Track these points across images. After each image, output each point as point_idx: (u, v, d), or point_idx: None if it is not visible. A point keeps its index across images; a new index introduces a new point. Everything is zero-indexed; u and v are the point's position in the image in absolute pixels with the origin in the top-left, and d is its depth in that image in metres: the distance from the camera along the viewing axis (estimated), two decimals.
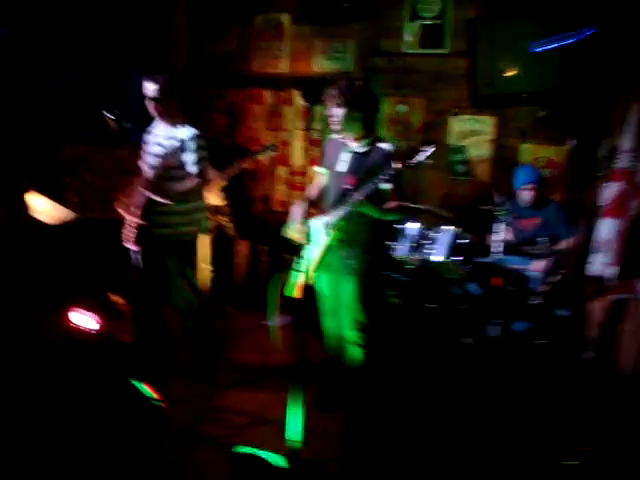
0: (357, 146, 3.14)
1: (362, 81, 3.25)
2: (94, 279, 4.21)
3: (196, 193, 3.50)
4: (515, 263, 4.13)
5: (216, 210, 4.70)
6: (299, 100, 5.50)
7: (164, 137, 3.46)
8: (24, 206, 3.58)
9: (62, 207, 3.67)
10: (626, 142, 3.28)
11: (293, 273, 3.13)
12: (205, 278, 4.90)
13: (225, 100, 5.78)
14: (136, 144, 4.99)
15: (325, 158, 3.36)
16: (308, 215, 3.28)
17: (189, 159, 3.38)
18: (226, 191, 4.72)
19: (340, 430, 3.11)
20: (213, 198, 4.56)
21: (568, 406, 3.23)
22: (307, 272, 3.12)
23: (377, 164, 3.00)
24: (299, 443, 2.50)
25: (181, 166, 3.39)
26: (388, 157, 3.00)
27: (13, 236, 3.83)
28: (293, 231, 3.27)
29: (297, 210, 3.30)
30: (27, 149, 4.69)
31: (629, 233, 3.24)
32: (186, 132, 3.39)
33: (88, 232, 3.71)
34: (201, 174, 3.40)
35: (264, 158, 4.66)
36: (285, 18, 5.62)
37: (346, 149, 3.17)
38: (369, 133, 3.14)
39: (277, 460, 2.33)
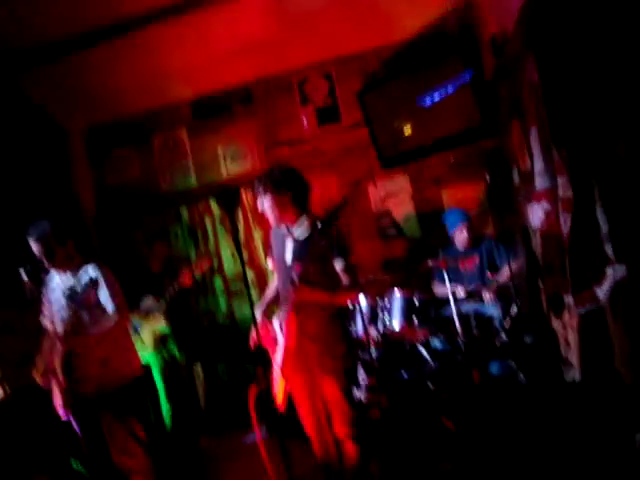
0: (297, 230, 3.02)
1: (283, 165, 3.20)
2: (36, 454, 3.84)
3: (118, 331, 3.26)
4: (470, 308, 4.09)
5: (161, 339, 4.47)
6: (216, 208, 5.45)
7: (69, 283, 3.25)
8: None
9: None
10: (537, 164, 3.36)
11: (266, 382, 2.98)
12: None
13: (145, 227, 5.68)
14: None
15: (274, 252, 3.22)
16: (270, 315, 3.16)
17: (103, 296, 3.18)
18: (168, 315, 4.52)
19: None
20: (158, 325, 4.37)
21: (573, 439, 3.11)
22: (279, 377, 2.96)
23: (320, 245, 2.85)
24: None
25: (95, 306, 3.18)
26: (330, 234, 2.88)
27: None
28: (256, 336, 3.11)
29: (258, 313, 3.14)
30: None
31: (570, 247, 3.26)
32: (92, 269, 3.20)
33: (24, 402, 3.42)
34: (119, 309, 3.18)
35: (200, 270, 4.53)
36: (182, 133, 5.65)
37: (288, 236, 3.04)
38: (305, 212, 3.03)
39: None
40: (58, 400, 3.14)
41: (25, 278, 3.14)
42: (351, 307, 4.07)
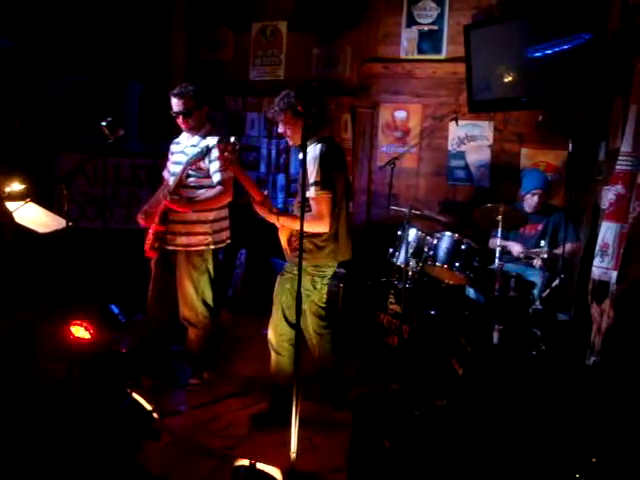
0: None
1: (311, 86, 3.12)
2: (91, 289, 4.18)
3: (215, 202, 3.43)
4: (515, 269, 4.09)
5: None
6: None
7: (188, 145, 3.45)
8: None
9: (55, 215, 3.62)
10: (625, 144, 3.23)
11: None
12: None
13: (224, 108, 5.81)
14: (133, 154, 5.00)
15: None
16: None
17: (212, 167, 3.34)
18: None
19: (340, 440, 3.06)
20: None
21: (571, 414, 3.17)
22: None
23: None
24: (298, 455, 2.46)
25: (204, 174, 3.37)
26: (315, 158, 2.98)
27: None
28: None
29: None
30: (21, 156, 4.69)
31: (630, 237, 3.19)
32: (211, 140, 3.33)
33: (85, 242, 3.67)
34: (224, 183, 3.34)
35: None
36: (282, 25, 5.62)
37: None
38: (314, 136, 3.08)
39: (274, 473, 2.27)
40: (150, 242, 3.43)
41: (103, 124, 3.31)
42: (400, 235, 4.13)
